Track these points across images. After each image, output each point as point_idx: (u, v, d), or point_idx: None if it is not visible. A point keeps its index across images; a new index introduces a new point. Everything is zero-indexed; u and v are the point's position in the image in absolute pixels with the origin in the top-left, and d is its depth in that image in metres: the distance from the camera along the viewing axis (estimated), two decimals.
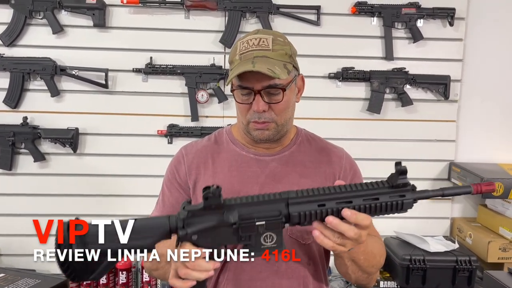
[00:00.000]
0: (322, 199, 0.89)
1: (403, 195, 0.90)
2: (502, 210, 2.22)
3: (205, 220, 0.89)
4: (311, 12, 2.27)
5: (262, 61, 1.05)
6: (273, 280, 1.13)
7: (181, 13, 2.24)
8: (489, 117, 2.42)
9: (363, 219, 0.88)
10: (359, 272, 1.10)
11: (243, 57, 1.07)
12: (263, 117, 1.09)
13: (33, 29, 2.21)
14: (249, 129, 1.13)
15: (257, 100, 1.07)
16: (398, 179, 0.89)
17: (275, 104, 1.08)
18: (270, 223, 0.90)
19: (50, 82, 2.19)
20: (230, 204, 0.90)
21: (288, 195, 0.90)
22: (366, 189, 0.90)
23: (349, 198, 0.89)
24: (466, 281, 2.01)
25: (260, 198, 0.91)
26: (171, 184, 1.21)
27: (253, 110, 1.09)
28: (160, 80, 2.27)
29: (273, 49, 1.08)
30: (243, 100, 1.10)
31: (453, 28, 2.31)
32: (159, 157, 2.26)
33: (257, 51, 1.07)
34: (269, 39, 1.09)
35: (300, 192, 0.91)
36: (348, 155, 1.25)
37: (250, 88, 1.07)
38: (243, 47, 1.09)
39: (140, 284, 2.15)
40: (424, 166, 2.38)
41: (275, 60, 1.06)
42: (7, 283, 1.08)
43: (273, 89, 1.07)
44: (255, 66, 1.03)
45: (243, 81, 1.07)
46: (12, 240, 2.25)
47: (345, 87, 2.33)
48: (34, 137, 2.20)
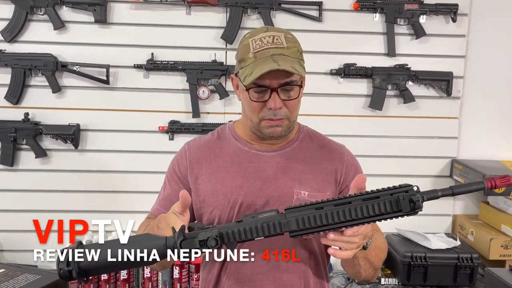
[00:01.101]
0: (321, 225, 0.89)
1: (406, 191, 0.87)
2: (504, 207, 2.21)
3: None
4: (313, 8, 2.26)
5: (283, 59, 1.05)
6: (274, 274, 1.14)
7: (183, 9, 2.24)
8: (492, 114, 2.41)
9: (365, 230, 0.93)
10: (370, 269, 1.11)
11: (259, 55, 1.07)
12: (278, 115, 1.09)
13: (34, 25, 2.21)
14: (261, 127, 1.13)
15: (274, 97, 1.07)
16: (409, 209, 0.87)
17: (289, 101, 1.09)
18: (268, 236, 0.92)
19: (52, 78, 2.19)
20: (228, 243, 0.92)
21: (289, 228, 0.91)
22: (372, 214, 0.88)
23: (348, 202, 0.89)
24: (468, 278, 2.01)
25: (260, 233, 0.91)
26: (172, 178, 1.22)
27: (269, 108, 1.08)
28: (161, 76, 2.26)
29: (287, 46, 1.08)
30: (257, 98, 1.09)
31: (456, 24, 2.30)
32: (160, 153, 2.27)
33: (273, 49, 1.07)
34: (282, 37, 1.09)
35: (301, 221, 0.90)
36: (350, 152, 1.26)
37: (267, 86, 1.07)
38: (257, 45, 1.08)
39: (141, 280, 2.15)
40: (426, 163, 2.38)
41: (291, 57, 1.07)
42: (8, 279, 1.08)
43: (288, 86, 1.08)
44: (280, 65, 1.03)
45: (260, 80, 1.06)
46: (14, 236, 2.26)
47: (347, 83, 2.32)
48: (36, 133, 2.21)
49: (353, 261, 1.06)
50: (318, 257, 1.19)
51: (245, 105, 1.15)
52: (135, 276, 2.16)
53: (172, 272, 2.14)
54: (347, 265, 1.12)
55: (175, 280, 2.14)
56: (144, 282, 2.14)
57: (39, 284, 1.05)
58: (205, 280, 1.21)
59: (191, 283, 2.15)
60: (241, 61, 1.10)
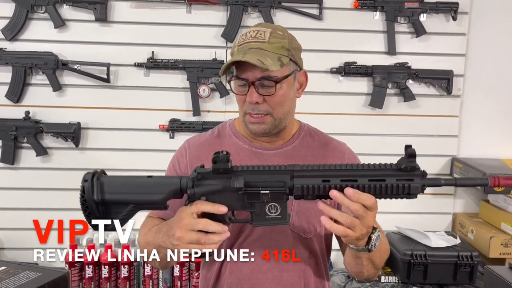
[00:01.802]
0: (327, 175, 0.91)
1: (411, 179, 0.89)
2: (505, 206, 2.22)
3: (213, 183, 0.94)
4: (313, 6, 2.26)
5: (254, 53, 1.05)
6: (273, 273, 1.14)
7: (183, 7, 2.24)
8: (492, 113, 2.41)
9: (365, 199, 0.89)
10: (372, 269, 1.10)
11: (240, 49, 1.09)
12: (257, 109, 1.09)
13: (35, 24, 2.21)
14: (246, 121, 1.13)
15: (251, 91, 1.08)
16: (407, 161, 0.89)
17: (270, 97, 1.08)
18: (274, 193, 0.93)
19: (52, 76, 2.20)
20: (237, 170, 0.94)
21: (293, 167, 0.93)
22: (373, 169, 0.91)
23: (354, 176, 0.90)
24: (468, 276, 2.01)
25: (266, 168, 0.95)
26: (171, 175, 1.22)
27: (247, 102, 1.09)
28: (161, 74, 2.27)
29: (269, 41, 1.08)
30: (239, 91, 1.11)
31: (456, 22, 2.30)
32: (160, 151, 2.27)
33: (253, 43, 1.07)
34: (266, 32, 1.09)
35: (305, 166, 0.94)
36: (351, 150, 1.26)
37: (245, 79, 1.07)
38: (241, 39, 1.10)
39: (141, 278, 2.16)
40: (426, 161, 2.37)
41: (269, 52, 1.06)
42: (9, 276, 1.08)
43: (266, 81, 1.07)
44: (244, 57, 1.03)
45: (239, 72, 1.08)
46: (15, 234, 2.26)
47: (347, 82, 2.32)
48: (36, 132, 2.21)
49: (357, 260, 1.05)
50: (319, 256, 1.19)
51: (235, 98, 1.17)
52: (135, 274, 2.16)
53: (172, 270, 2.14)
54: (350, 264, 1.11)
55: (175, 278, 2.14)
56: (145, 280, 2.14)
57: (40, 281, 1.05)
58: (205, 278, 1.21)
59: (191, 281, 2.16)
60: (231, 54, 1.13)
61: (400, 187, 0.89)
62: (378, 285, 2.06)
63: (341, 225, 0.90)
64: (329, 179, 0.90)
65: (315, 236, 1.16)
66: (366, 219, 0.90)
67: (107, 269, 2.09)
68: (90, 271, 2.10)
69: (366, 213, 0.90)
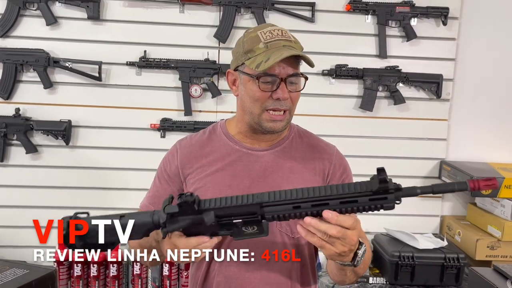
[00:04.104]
0: (298, 201, 0.89)
1: (385, 197, 0.86)
2: (491, 209, 2.24)
3: (184, 219, 0.93)
4: (305, 9, 2.28)
5: (293, 51, 1.08)
6: (261, 272, 1.15)
7: (176, 7, 2.24)
8: (481, 117, 2.44)
9: (344, 221, 0.88)
10: (354, 278, 1.12)
11: (271, 45, 1.09)
12: (284, 105, 1.11)
13: (26, 20, 2.20)
14: (261, 119, 1.13)
15: (283, 87, 1.09)
16: (379, 186, 0.85)
17: (294, 93, 1.12)
18: (247, 221, 0.92)
19: (43, 74, 2.19)
20: (205, 208, 0.92)
21: (262, 199, 0.91)
22: (345, 192, 0.88)
23: (325, 200, 0.88)
24: (454, 278, 2.03)
25: (234, 201, 0.92)
26: (162, 176, 1.23)
27: (276, 98, 1.10)
28: (153, 73, 2.27)
29: (294, 41, 1.13)
30: (264, 88, 1.10)
31: (447, 27, 2.33)
32: (151, 151, 2.27)
33: (284, 41, 1.10)
34: (288, 32, 1.14)
35: (275, 194, 0.91)
36: (339, 152, 1.26)
37: (276, 76, 1.09)
38: (267, 36, 1.11)
39: (130, 277, 2.16)
40: (415, 164, 2.41)
41: (298, 51, 1.11)
42: None
43: (294, 78, 1.11)
44: (298, 52, 1.08)
45: (270, 69, 1.08)
46: (4, 231, 2.25)
47: (338, 84, 2.34)
48: (26, 129, 2.20)
49: (340, 272, 1.07)
50: (306, 257, 1.20)
51: (246, 97, 1.14)
52: (124, 273, 2.16)
53: (161, 269, 2.14)
54: (333, 273, 1.13)
55: (164, 277, 2.14)
56: (134, 279, 2.14)
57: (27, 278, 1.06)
58: (194, 277, 1.22)
59: (180, 280, 2.16)
60: (248, 51, 1.11)
61: (373, 207, 0.87)
62: (366, 286, 2.08)
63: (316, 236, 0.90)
64: (300, 205, 0.89)
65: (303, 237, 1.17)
66: (347, 239, 0.90)
67: (95, 267, 2.09)
68: (78, 269, 2.09)
69: (346, 234, 0.89)
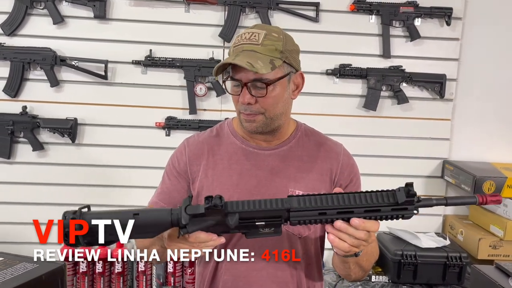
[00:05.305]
0: (324, 208, 0.92)
1: (405, 208, 0.93)
2: (493, 208, 2.25)
3: (207, 220, 0.91)
4: (310, 9, 2.29)
5: (247, 55, 1.06)
6: (268, 271, 1.16)
7: (181, 6, 2.26)
8: (484, 117, 2.45)
9: (371, 226, 0.93)
10: (360, 272, 1.13)
11: (234, 50, 1.10)
12: (249, 110, 1.11)
13: (34, 19, 2.22)
14: (241, 120, 1.16)
15: (243, 92, 1.10)
16: (406, 200, 0.91)
17: (262, 98, 1.10)
18: (269, 223, 0.93)
19: (50, 72, 2.21)
20: (231, 211, 0.91)
21: (290, 204, 0.92)
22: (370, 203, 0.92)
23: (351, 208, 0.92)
24: (456, 277, 2.04)
25: (262, 205, 0.92)
26: (171, 173, 1.23)
27: (240, 102, 1.12)
28: (159, 72, 2.28)
29: (262, 43, 1.08)
30: (234, 91, 1.13)
31: (450, 27, 2.34)
32: (156, 149, 2.29)
33: (247, 45, 1.09)
34: (261, 34, 1.09)
35: (302, 200, 0.92)
36: (346, 150, 1.26)
37: (238, 80, 1.10)
38: (237, 40, 1.12)
39: (135, 274, 2.18)
40: (418, 163, 2.42)
41: (262, 54, 1.07)
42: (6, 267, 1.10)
43: (259, 83, 1.08)
44: (235, 59, 1.05)
45: (234, 73, 1.10)
46: (10, 228, 2.28)
47: (342, 83, 2.35)
48: (33, 127, 2.22)
49: (344, 265, 1.08)
50: (312, 256, 1.21)
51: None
52: (129, 269, 2.18)
53: (166, 266, 2.16)
54: (338, 266, 1.14)
55: (169, 274, 2.16)
56: (139, 276, 2.16)
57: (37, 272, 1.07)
58: (201, 275, 1.23)
59: (184, 277, 2.18)
60: (228, 54, 1.15)
61: (394, 216, 0.93)
62: (369, 285, 2.09)
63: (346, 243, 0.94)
64: (325, 212, 0.92)
65: (309, 236, 1.19)
66: (369, 239, 0.96)
67: (101, 264, 2.11)
68: (84, 266, 2.11)
69: (370, 235, 0.95)
